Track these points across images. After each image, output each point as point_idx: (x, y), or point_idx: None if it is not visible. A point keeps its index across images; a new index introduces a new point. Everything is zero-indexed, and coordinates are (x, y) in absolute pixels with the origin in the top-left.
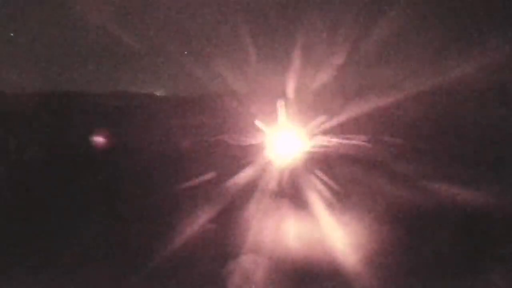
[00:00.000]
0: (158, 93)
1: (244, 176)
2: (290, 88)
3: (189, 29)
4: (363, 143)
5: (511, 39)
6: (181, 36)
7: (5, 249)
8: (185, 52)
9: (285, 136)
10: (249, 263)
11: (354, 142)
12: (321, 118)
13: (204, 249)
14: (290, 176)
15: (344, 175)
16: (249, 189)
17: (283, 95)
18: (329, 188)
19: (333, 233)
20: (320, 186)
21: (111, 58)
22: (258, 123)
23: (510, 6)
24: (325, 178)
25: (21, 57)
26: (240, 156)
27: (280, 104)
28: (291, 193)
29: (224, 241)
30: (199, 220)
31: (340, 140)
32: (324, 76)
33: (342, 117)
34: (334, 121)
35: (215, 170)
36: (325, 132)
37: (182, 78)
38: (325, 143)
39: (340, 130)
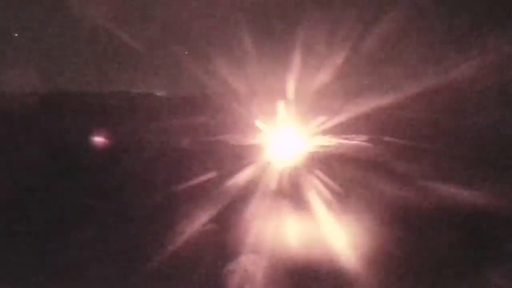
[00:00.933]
0: (158, 93)
1: (244, 176)
2: (290, 88)
3: (189, 29)
4: (363, 143)
5: (511, 39)
6: (181, 36)
7: (5, 249)
8: (185, 52)
9: (285, 136)
10: (249, 263)
11: (354, 142)
12: (321, 118)
13: (204, 249)
14: (290, 176)
15: (344, 175)
16: (249, 189)
17: (283, 95)
18: (329, 188)
19: (333, 233)
20: (320, 186)
21: (111, 58)
22: (258, 123)
23: (510, 6)
24: (325, 178)
25: (21, 57)
26: (240, 156)
27: (280, 104)
28: (291, 193)
29: (224, 241)
30: (199, 220)
31: (340, 140)
32: (324, 76)
33: (342, 117)
34: (334, 121)
35: (215, 170)
36: (325, 132)
37: (182, 78)
38: (325, 143)
39: (340, 130)
